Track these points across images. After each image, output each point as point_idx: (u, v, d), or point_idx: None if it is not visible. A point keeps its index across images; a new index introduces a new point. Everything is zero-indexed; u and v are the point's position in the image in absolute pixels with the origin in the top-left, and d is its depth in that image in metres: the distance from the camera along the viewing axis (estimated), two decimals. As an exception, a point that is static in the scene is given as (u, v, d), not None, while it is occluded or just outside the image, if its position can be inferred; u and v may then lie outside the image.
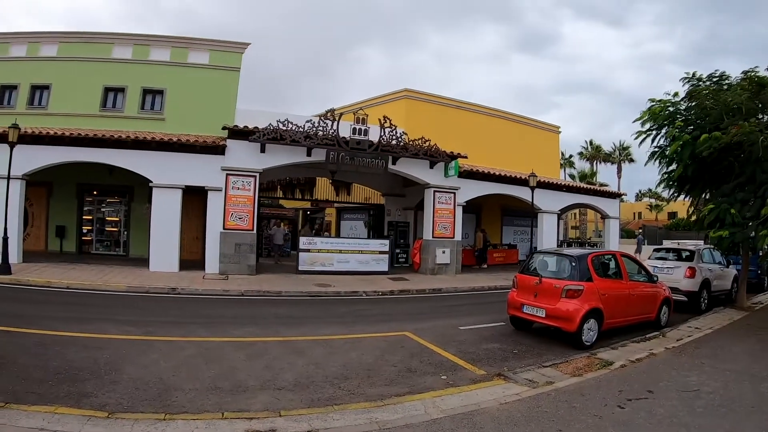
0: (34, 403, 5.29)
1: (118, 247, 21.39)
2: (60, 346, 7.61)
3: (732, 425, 5.56)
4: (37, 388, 5.81)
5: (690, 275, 13.93)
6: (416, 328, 10.45)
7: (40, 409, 5.12)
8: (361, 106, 25.04)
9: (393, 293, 15.69)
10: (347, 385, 6.74)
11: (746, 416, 5.85)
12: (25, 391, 5.65)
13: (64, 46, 19.78)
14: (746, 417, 5.82)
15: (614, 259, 10.82)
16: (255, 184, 17.40)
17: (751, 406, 6.17)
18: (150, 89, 20.15)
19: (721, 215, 11.51)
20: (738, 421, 5.67)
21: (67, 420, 4.95)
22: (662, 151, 13.46)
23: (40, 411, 5.08)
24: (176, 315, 11.10)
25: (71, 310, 10.70)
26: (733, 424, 5.58)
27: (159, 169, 16.62)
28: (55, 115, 18.92)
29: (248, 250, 17.27)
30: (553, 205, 24.48)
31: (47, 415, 4.99)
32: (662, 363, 8.17)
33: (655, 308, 11.21)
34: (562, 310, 9.25)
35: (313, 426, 5.24)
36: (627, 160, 58.66)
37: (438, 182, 20.65)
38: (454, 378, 7.26)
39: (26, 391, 5.65)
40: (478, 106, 29.83)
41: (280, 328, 10.12)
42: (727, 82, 12.90)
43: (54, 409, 5.18)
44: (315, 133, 17.47)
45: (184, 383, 6.38)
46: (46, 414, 5.02)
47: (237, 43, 20.87)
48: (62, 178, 19.61)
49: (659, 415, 5.82)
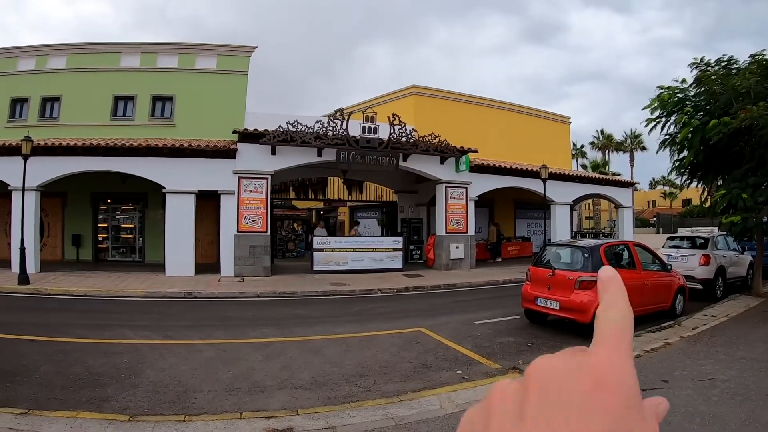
0: (57, 409, 5.39)
1: (134, 254, 21.59)
2: (80, 352, 7.73)
3: (748, 414, 5.54)
4: (59, 394, 5.92)
5: (704, 263, 13.81)
6: (431, 324, 10.49)
7: (62, 415, 5.23)
8: (370, 104, 25.04)
9: (408, 290, 15.72)
10: (363, 382, 6.80)
11: (762, 404, 5.83)
12: (47, 398, 5.76)
13: (72, 57, 19.95)
14: (762, 405, 5.80)
15: (627, 249, 10.80)
16: (267, 186, 17.48)
17: (766, 394, 6.15)
18: (159, 96, 20.27)
19: (733, 200, 11.45)
20: (754, 410, 5.65)
21: (89, 424, 5.05)
22: (672, 138, 13.41)
23: (63, 416, 5.19)
24: (193, 318, 11.22)
25: (90, 317, 10.83)
26: (748, 413, 5.56)
27: (171, 175, 16.76)
28: (67, 126, 19.08)
29: (262, 251, 17.36)
30: (565, 196, 24.38)
31: (69, 420, 5.10)
32: (677, 352, 8.16)
33: (670, 297, 11.15)
34: (576, 301, 9.24)
35: (330, 423, 5.30)
36: (639, 149, 58.03)
37: (449, 177, 20.65)
38: (469, 373, 7.30)
39: (48, 398, 5.76)
40: (486, 99, 29.70)
41: (296, 328, 10.20)
42: (736, 67, 12.81)
43: (76, 414, 5.28)
44: (325, 133, 17.51)
45: (203, 385, 6.47)
46: (68, 419, 5.12)
47: (244, 47, 20.96)
48: (76, 188, 19.78)
49: (674, 404, 5.80)
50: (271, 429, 5.12)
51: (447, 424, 5.26)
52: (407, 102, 26.18)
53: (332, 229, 34.14)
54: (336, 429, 5.18)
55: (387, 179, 24.79)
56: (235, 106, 19.81)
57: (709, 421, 5.34)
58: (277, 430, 5.10)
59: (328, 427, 5.21)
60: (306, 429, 5.17)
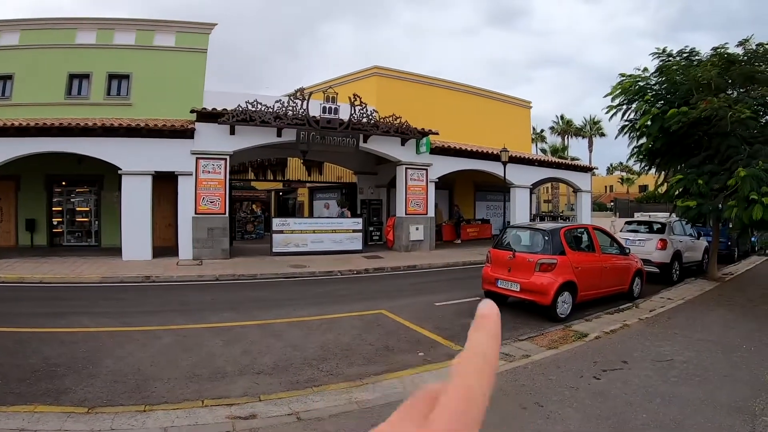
0: (14, 404, 5.26)
1: (90, 238, 21.05)
2: (37, 342, 7.54)
3: (706, 394, 5.72)
4: (16, 387, 5.76)
5: (661, 247, 14.20)
6: (392, 306, 10.55)
7: (20, 409, 5.09)
8: (331, 84, 24.85)
9: (368, 271, 15.76)
10: (326, 366, 6.81)
11: (719, 385, 6.03)
12: (3, 392, 5.60)
13: (25, 33, 19.19)
14: (719, 385, 6.00)
15: (587, 232, 11.02)
16: (226, 166, 17.23)
17: (723, 375, 6.36)
18: (116, 74, 19.73)
19: (688, 186, 11.73)
20: (711, 390, 5.83)
21: (48, 418, 4.93)
22: (632, 124, 13.64)
23: (20, 411, 5.05)
24: (152, 304, 11.04)
25: (46, 305, 10.56)
26: (706, 393, 5.74)
27: (128, 156, 16.33)
28: (20, 106, 18.44)
29: (221, 234, 17.16)
30: (525, 179, 24.69)
31: (27, 415, 4.96)
32: (636, 334, 8.38)
33: (628, 280, 11.44)
34: (536, 283, 9.42)
35: (293, 409, 5.29)
36: (598, 135, 58.95)
37: (410, 159, 20.68)
38: (431, 355, 7.38)
39: (5, 392, 5.60)
40: (449, 82, 29.83)
41: (257, 311, 10.12)
42: (697, 58, 13.04)
43: (33, 408, 5.15)
44: (285, 113, 17.34)
45: (163, 373, 6.39)
46: (25, 414, 4.99)
47: (204, 24, 20.54)
48: (30, 170, 19.13)
49: (634, 385, 5.98)
50: (233, 416, 5.09)
51: (410, 409, 5.29)
52: (369, 83, 26.12)
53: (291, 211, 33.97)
54: (299, 414, 5.17)
55: (347, 160, 24.71)
56: (194, 84, 19.47)
57: (669, 401, 5.50)
58: (239, 418, 5.07)
59: (291, 413, 5.20)
60: (269, 415, 5.15)
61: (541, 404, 5.40)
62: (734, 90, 12.79)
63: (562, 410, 5.25)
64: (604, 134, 58.12)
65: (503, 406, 5.35)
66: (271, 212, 33.15)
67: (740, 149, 11.26)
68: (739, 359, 7.01)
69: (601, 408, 5.31)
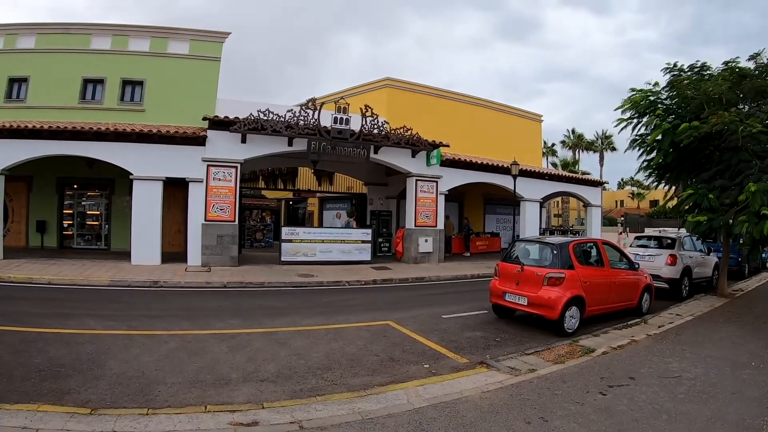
0: (17, 402, 5.27)
1: (100, 241, 21.17)
2: (42, 342, 7.56)
3: (713, 411, 5.65)
4: (20, 386, 5.78)
5: (671, 262, 14.08)
6: (399, 317, 10.51)
7: (23, 408, 5.10)
8: (343, 95, 24.99)
9: (376, 282, 15.72)
10: (330, 375, 6.77)
11: (728, 402, 5.95)
12: (7, 390, 5.61)
13: (41, 37, 19.40)
14: (728, 403, 5.92)
15: (596, 246, 10.93)
16: (236, 174, 17.30)
17: (732, 392, 6.28)
18: (129, 80, 19.84)
19: (699, 200, 11.64)
20: (719, 407, 5.76)
21: (50, 418, 4.93)
22: (643, 139, 13.57)
23: (23, 410, 5.06)
24: (159, 308, 11.05)
25: (53, 306, 10.60)
26: (714, 410, 5.67)
27: (139, 161, 16.46)
28: (34, 108, 18.66)
29: (230, 241, 17.20)
30: (535, 193, 24.64)
31: (30, 414, 4.97)
32: (644, 350, 8.29)
33: (637, 295, 11.33)
34: (544, 297, 9.35)
35: (295, 417, 5.26)
36: (609, 149, 58.66)
37: (420, 171, 20.68)
38: (436, 367, 7.33)
39: (9, 390, 5.62)
40: (460, 94, 29.88)
41: (263, 319, 10.12)
42: (708, 73, 13.00)
43: (37, 407, 5.16)
44: (296, 122, 17.39)
45: (167, 377, 6.38)
46: (28, 412, 5.00)
47: (217, 33, 20.65)
48: (42, 172, 19.37)
49: (641, 401, 5.91)
50: (236, 423, 5.07)
51: (414, 419, 5.27)
52: (380, 94, 26.19)
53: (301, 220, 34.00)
54: (302, 423, 5.14)
55: (357, 171, 24.78)
56: (207, 92, 19.53)
57: (676, 418, 5.44)
58: (242, 424, 5.05)
59: (293, 421, 5.17)
60: (271, 423, 5.13)
61: (545, 419, 5.35)
62: (745, 104, 12.69)
63: (566, 426, 5.19)
64: (615, 149, 57.76)
65: (507, 420, 5.31)
66: (281, 221, 33.18)
67: (751, 164, 11.16)
68: (748, 376, 6.93)
69: (607, 424, 5.25)
